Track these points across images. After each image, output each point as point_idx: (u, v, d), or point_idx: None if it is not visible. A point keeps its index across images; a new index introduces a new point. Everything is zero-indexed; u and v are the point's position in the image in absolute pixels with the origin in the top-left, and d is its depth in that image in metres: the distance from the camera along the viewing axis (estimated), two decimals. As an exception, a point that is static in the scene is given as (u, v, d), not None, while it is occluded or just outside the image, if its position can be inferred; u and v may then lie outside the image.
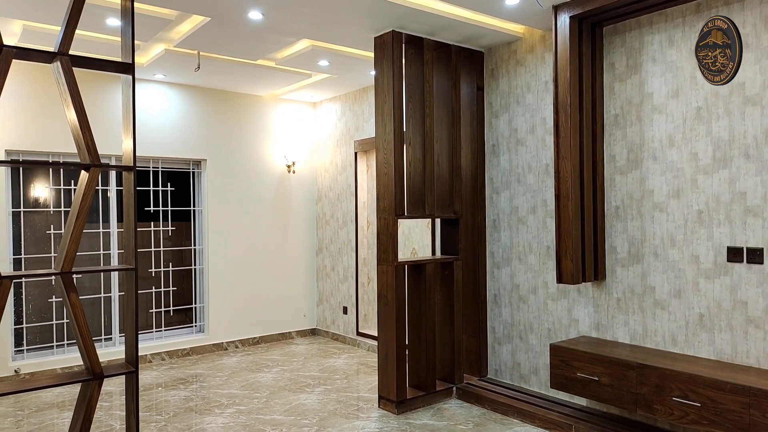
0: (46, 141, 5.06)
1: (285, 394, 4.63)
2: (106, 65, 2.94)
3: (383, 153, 4.19)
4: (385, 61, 4.17)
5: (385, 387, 4.22)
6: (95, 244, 5.48)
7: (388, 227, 4.17)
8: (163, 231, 5.94)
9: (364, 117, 6.14)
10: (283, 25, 4.16)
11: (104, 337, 5.53)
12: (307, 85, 6.00)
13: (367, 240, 6.30)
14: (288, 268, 6.68)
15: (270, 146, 6.53)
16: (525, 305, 4.40)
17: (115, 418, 4.10)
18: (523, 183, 4.40)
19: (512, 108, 4.49)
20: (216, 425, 3.96)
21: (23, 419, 4.14)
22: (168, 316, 6.00)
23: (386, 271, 4.19)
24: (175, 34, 4.48)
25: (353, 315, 6.29)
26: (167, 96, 5.83)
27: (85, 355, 2.80)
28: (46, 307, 5.28)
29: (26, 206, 5.19)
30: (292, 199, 6.73)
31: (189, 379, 5.12)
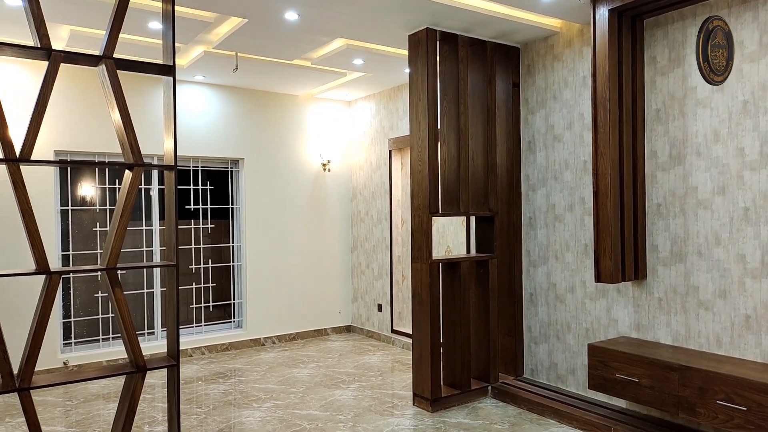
0: (92, 141, 5.25)
1: (320, 389, 4.69)
2: (149, 68, 3.03)
3: (417, 151, 4.19)
4: (419, 58, 4.16)
5: (419, 385, 4.22)
6: (138, 241, 5.66)
7: (422, 225, 4.17)
8: (203, 228, 6.09)
9: (399, 115, 6.14)
10: (318, 24, 4.20)
11: (147, 332, 5.71)
12: (342, 84, 6.04)
13: (401, 238, 6.31)
14: (323, 265, 6.75)
15: (306, 145, 6.61)
16: (562, 304, 4.33)
17: (157, 410, 4.23)
18: (560, 180, 4.33)
19: (549, 104, 4.42)
20: (254, 419, 4.04)
21: (72, 409, 4.32)
22: (207, 311, 6.15)
23: (420, 269, 4.19)
24: (214, 36, 4.58)
25: (388, 312, 6.31)
26: (206, 97, 5.97)
27: (129, 349, 2.91)
28: (92, 301, 5.48)
29: (74, 204, 5.40)
30: (327, 197, 6.79)
31: (227, 373, 5.24)
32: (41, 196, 4.92)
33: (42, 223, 2.95)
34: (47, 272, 2.67)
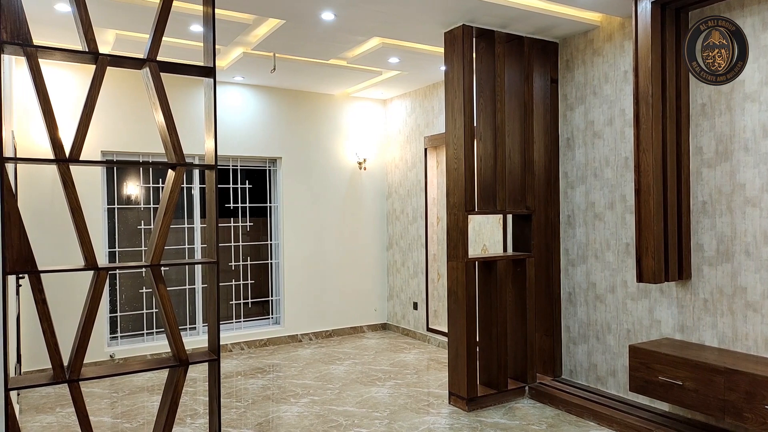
0: (137, 142, 5.43)
1: (356, 386, 4.73)
2: (190, 69, 3.11)
3: (453, 148, 4.17)
4: (455, 56, 4.14)
5: (455, 383, 4.21)
6: (181, 238, 5.82)
7: (458, 223, 4.15)
8: (242, 226, 6.21)
9: (434, 113, 6.12)
10: (354, 24, 4.23)
11: (189, 327, 5.87)
12: (378, 82, 6.06)
13: (437, 236, 6.29)
14: (359, 263, 6.79)
15: (342, 143, 6.66)
16: (602, 304, 4.24)
17: (198, 403, 4.35)
18: (600, 177, 4.24)
19: (588, 100, 4.33)
20: (291, 414, 4.11)
21: (117, 401, 4.48)
22: (246, 307, 6.28)
23: (456, 268, 4.17)
24: (253, 37, 4.67)
25: (423, 311, 6.31)
26: (245, 97, 6.09)
27: (172, 343, 3.00)
28: (137, 297, 5.67)
29: (119, 203, 5.59)
30: (362, 195, 6.83)
31: (266, 368, 5.34)
32: (89, 195, 5.11)
33: (90, 221, 3.07)
34: (95, 268, 2.78)
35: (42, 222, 4.83)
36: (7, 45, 2.55)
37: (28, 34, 2.61)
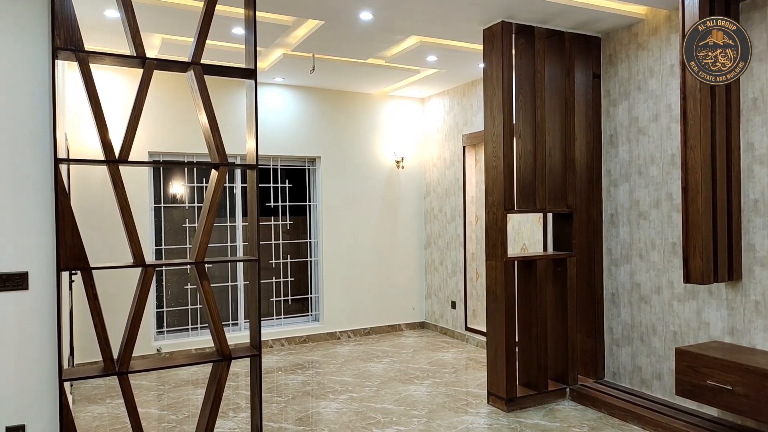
0: (182, 143, 5.59)
1: (395, 384, 4.74)
2: (233, 72, 3.19)
3: (492, 146, 4.13)
4: (494, 52, 4.10)
5: (494, 383, 4.17)
6: (223, 236, 5.97)
7: (497, 222, 4.11)
8: (282, 225, 6.32)
9: (473, 111, 6.08)
10: (392, 23, 4.24)
11: (231, 322, 6.01)
12: (416, 81, 6.05)
13: (475, 235, 6.24)
14: (397, 261, 6.80)
15: (380, 142, 6.69)
16: (647, 306, 4.12)
17: (241, 397, 4.45)
18: (645, 175, 4.12)
19: (633, 95, 4.21)
20: (330, 410, 4.16)
21: (164, 393, 4.63)
22: (286, 304, 6.38)
23: (495, 267, 4.13)
24: (292, 39, 4.74)
25: (461, 310, 6.27)
26: (285, 97, 6.18)
27: (216, 338, 3.08)
28: (182, 293, 5.84)
29: (165, 202, 5.77)
30: (400, 194, 6.84)
31: (305, 365, 5.41)
32: (137, 194, 5.29)
33: (138, 220, 3.18)
34: (143, 265, 2.88)
35: (93, 221, 5.03)
36: (60, 51, 2.68)
37: (80, 40, 2.73)
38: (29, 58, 2.72)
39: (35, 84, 2.73)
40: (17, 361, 2.71)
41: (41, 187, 2.74)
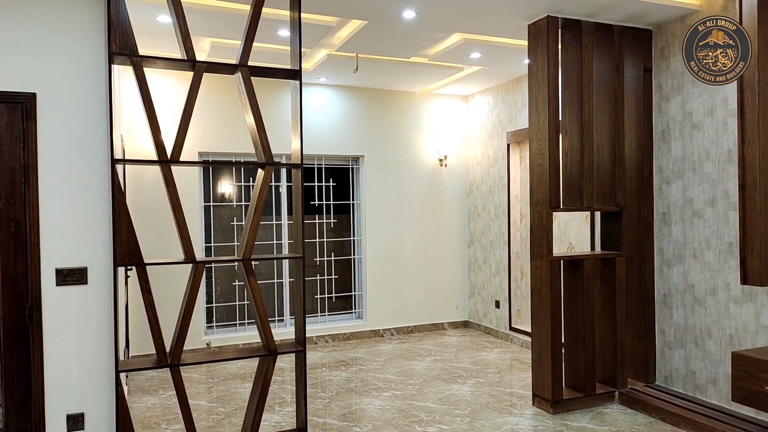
0: (230, 143, 5.73)
1: (437, 383, 4.73)
2: (278, 73, 3.26)
3: (537, 144, 4.06)
4: (539, 48, 4.03)
5: (539, 385, 4.11)
6: (269, 234, 6.09)
7: (542, 220, 4.04)
8: (326, 223, 6.40)
9: (517, 107, 5.99)
10: (435, 20, 4.23)
11: (277, 319, 6.14)
12: (459, 78, 6.02)
13: (520, 233, 6.15)
14: (440, 260, 6.78)
15: (423, 141, 6.68)
16: (701, 308, 3.97)
17: (286, 392, 4.55)
18: (700, 172, 3.96)
19: (686, 89, 4.06)
20: (374, 407, 4.19)
21: (213, 386, 4.77)
22: (330, 302, 6.46)
23: (540, 266, 4.06)
24: (336, 39, 4.79)
25: (506, 309, 6.20)
26: (329, 97, 6.26)
27: (262, 334, 3.16)
28: (230, 289, 6.01)
29: (214, 201, 5.95)
30: (443, 192, 6.81)
31: (349, 361, 5.47)
32: (188, 193, 5.46)
33: (188, 218, 3.29)
34: (194, 262, 2.98)
35: (146, 219, 5.22)
36: (116, 56, 2.80)
37: (135, 46, 2.84)
38: (88, 64, 2.85)
39: (94, 88, 2.86)
40: (78, 352, 2.86)
41: (99, 187, 2.88)
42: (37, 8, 2.77)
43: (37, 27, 2.78)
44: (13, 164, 2.73)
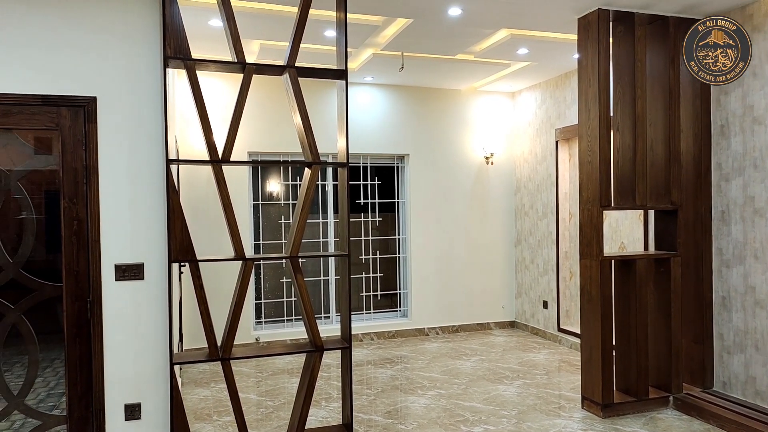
0: (278, 143, 5.85)
1: (483, 383, 4.69)
2: (324, 73, 3.30)
3: (587, 140, 3.96)
4: (589, 42, 3.92)
5: (589, 387, 4.01)
6: (316, 232, 6.19)
7: (592, 219, 3.93)
8: (371, 221, 6.44)
9: (566, 103, 5.85)
10: (481, 17, 4.18)
11: (323, 315, 6.22)
12: (506, 75, 5.93)
13: (569, 232, 6.01)
14: (486, 259, 6.71)
15: (468, 138, 6.62)
16: (763, 311, 3.77)
17: (332, 388, 4.61)
18: (762, 168, 3.77)
19: (747, 82, 3.86)
20: (419, 405, 4.19)
21: (262, 380, 4.89)
22: (376, 300, 6.50)
23: (590, 266, 3.96)
24: (382, 38, 4.81)
25: (554, 310, 6.07)
26: (374, 96, 6.29)
27: (309, 330, 3.21)
28: (278, 286, 6.13)
29: (263, 199, 6.08)
30: (490, 190, 6.73)
31: (394, 359, 5.49)
32: (238, 192, 5.61)
33: (238, 216, 3.38)
34: (243, 259, 3.06)
35: (198, 217, 5.40)
36: (171, 60, 2.90)
37: (188, 49, 2.94)
38: (144, 68, 2.97)
39: (149, 91, 2.98)
40: (135, 344, 2.98)
41: (155, 186, 2.99)
42: (97, 16, 2.91)
43: (97, 34, 2.91)
44: (76, 165, 2.88)
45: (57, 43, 2.85)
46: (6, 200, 2.87)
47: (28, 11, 2.81)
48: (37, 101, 2.80)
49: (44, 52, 2.83)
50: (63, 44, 2.86)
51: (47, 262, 3.38)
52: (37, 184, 3.09)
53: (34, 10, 2.82)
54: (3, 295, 2.85)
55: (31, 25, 2.81)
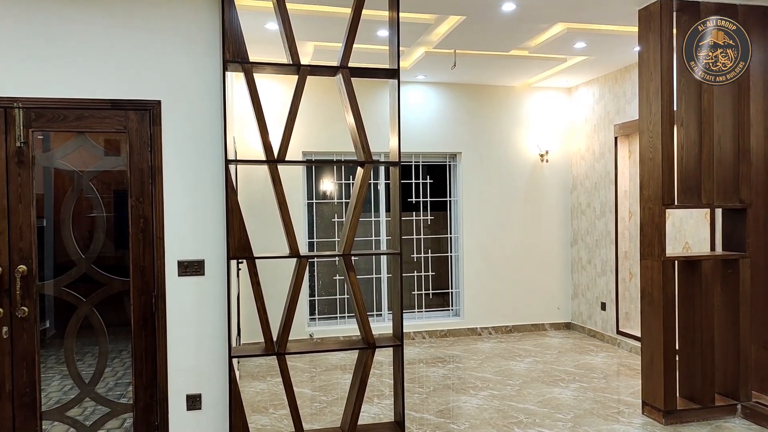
0: (331, 142, 5.93)
1: (538, 385, 4.60)
2: (377, 73, 3.33)
3: (648, 136, 3.81)
4: (651, 34, 3.77)
5: (650, 393, 3.86)
6: (368, 231, 6.24)
7: (653, 218, 3.78)
8: (423, 220, 6.43)
9: (626, 98, 5.64)
10: (537, 12, 4.10)
11: (375, 313, 6.27)
12: (562, 70, 5.78)
13: (628, 232, 5.80)
14: (540, 258, 6.57)
15: (522, 136, 6.50)
16: (844, 316, 3.52)
17: (384, 385, 4.64)
18: (843, 164, 3.52)
19: (827, 71, 3.61)
20: (471, 405, 4.16)
21: (316, 376, 4.98)
22: (427, 298, 6.49)
23: (651, 267, 3.81)
24: (434, 36, 4.80)
25: (612, 312, 5.88)
26: (426, 95, 6.28)
27: (362, 327, 3.25)
28: (331, 283, 6.22)
29: (317, 198, 6.19)
30: (544, 189, 6.59)
31: (446, 358, 5.47)
32: (293, 191, 5.73)
33: (293, 214, 3.46)
34: (298, 256, 3.13)
35: (255, 215, 5.55)
36: (229, 63, 3.00)
37: (246, 53, 3.03)
38: (204, 72, 3.09)
39: (209, 94, 3.09)
40: (196, 338, 3.11)
41: (214, 186, 3.11)
42: (161, 24, 3.04)
43: (161, 40, 3.04)
44: (142, 166, 3.02)
45: (124, 50, 3.00)
46: (79, 199, 3.05)
47: (99, 23, 2.97)
48: (106, 105, 2.96)
49: (113, 59, 2.99)
50: (130, 51, 3.00)
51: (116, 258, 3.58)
52: (106, 183, 3.27)
53: (105, 21, 2.97)
54: (76, 288, 3.04)
55: (101, 35, 2.97)
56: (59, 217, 3.03)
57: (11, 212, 2.86)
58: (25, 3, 2.87)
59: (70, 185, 3.06)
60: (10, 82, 2.86)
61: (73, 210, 3.04)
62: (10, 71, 2.86)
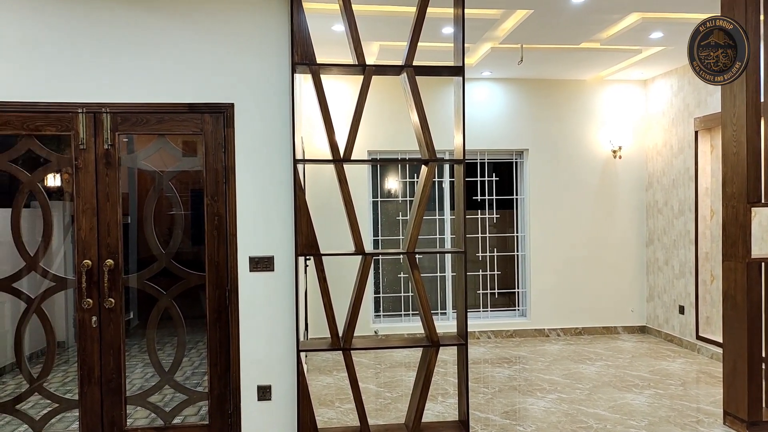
0: (396, 141, 5.97)
1: (609, 390, 4.43)
2: (442, 71, 3.32)
3: (732, 129, 3.58)
4: (735, 18, 3.53)
5: (732, 402, 3.63)
6: (432, 229, 6.23)
7: (737, 217, 3.55)
8: (488, 218, 6.35)
9: (708, 90, 5.32)
10: (609, 2, 3.95)
11: (439, 311, 6.26)
12: (637, 62, 5.53)
13: (710, 232, 5.47)
14: (613, 259, 6.32)
15: (593, 131, 6.27)
16: None
17: (449, 384, 4.62)
18: None
19: None
20: (538, 408, 4.07)
21: (380, 372, 5.04)
22: (493, 298, 6.40)
23: (735, 269, 3.58)
24: (500, 31, 4.72)
25: (692, 316, 5.57)
26: (492, 91, 6.18)
27: (426, 325, 3.26)
28: (396, 281, 6.27)
29: (382, 196, 6.25)
30: (617, 186, 6.33)
31: (512, 359, 5.37)
32: (358, 189, 5.81)
33: (358, 213, 3.51)
34: (363, 253, 3.18)
35: (321, 213, 5.67)
36: (298, 65, 3.09)
37: (313, 55, 3.11)
38: (274, 74, 3.19)
39: (279, 96, 3.20)
40: (266, 331, 3.22)
41: (283, 185, 3.21)
42: (233, 29, 3.17)
43: (233, 45, 3.18)
44: (217, 166, 3.17)
45: (200, 55, 3.15)
46: (159, 198, 3.24)
47: (176, 30, 3.14)
48: (184, 109, 3.13)
49: (190, 64, 3.15)
50: (205, 56, 3.15)
51: (192, 254, 3.77)
52: (184, 183, 3.46)
53: (181, 29, 3.14)
54: (157, 282, 3.23)
55: (178, 42, 3.14)
56: (142, 214, 3.24)
57: (100, 210, 3.08)
58: (108, 17, 3.07)
59: (152, 185, 3.26)
60: (99, 89, 3.07)
61: (154, 208, 3.23)
62: (99, 80, 3.07)
